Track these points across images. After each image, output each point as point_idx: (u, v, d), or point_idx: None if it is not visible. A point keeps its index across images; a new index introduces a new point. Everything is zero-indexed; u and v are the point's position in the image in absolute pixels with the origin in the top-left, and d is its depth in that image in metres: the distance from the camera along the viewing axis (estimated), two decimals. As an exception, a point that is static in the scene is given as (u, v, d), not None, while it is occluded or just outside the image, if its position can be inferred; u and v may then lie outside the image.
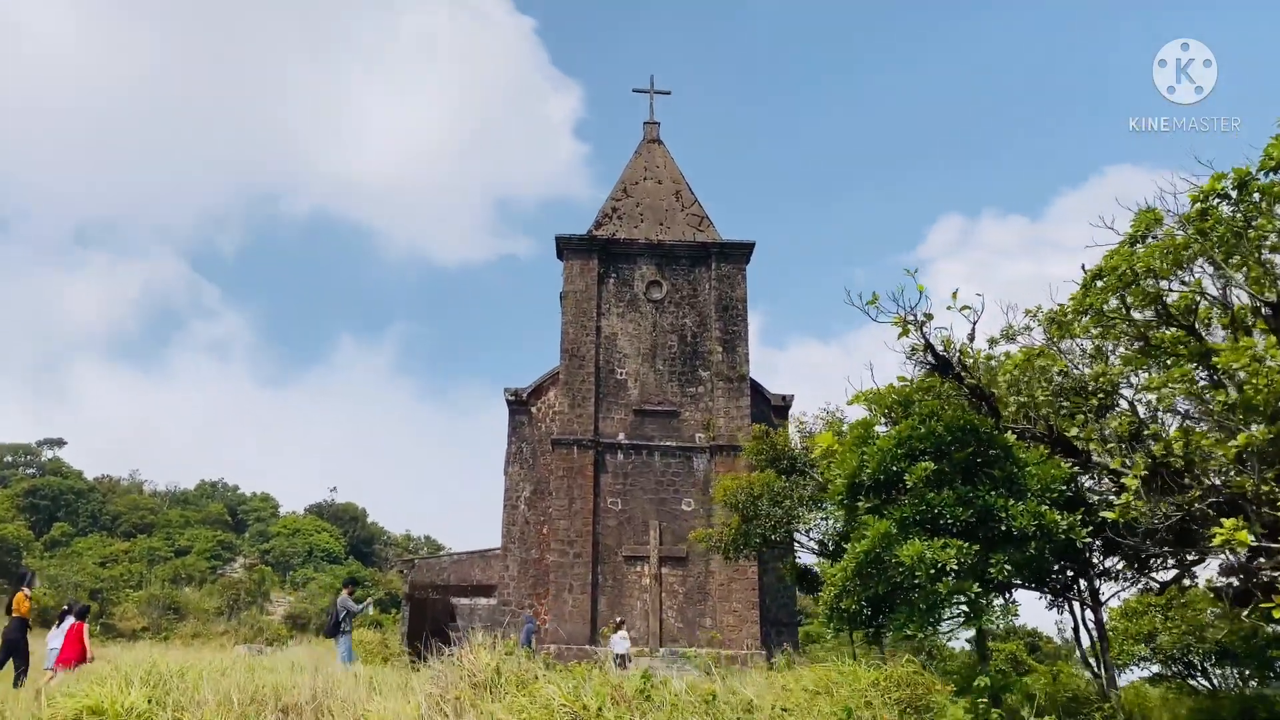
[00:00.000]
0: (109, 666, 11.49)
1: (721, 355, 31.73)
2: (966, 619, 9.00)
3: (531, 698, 8.80)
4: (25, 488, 71.58)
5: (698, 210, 34.44)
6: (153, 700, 9.59)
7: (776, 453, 19.66)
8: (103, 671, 11.05)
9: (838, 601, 9.45)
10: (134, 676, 10.66)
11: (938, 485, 9.12)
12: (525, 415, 34.65)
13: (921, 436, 9.31)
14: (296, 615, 53.63)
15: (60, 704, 9.59)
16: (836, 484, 9.52)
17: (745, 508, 18.30)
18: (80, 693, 9.66)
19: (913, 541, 8.77)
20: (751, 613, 29.24)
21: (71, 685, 10.46)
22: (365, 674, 12.07)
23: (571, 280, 32.58)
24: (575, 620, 28.94)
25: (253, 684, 10.77)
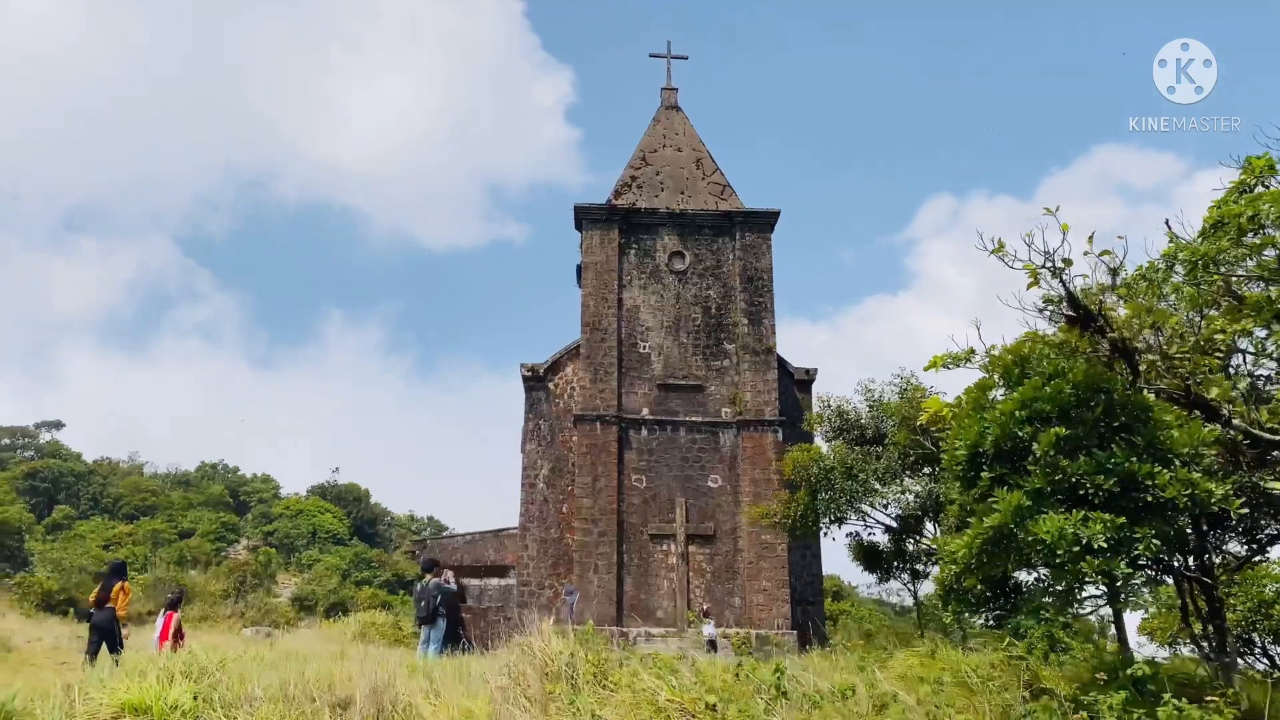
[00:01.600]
0: (141, 656, 10.57)
1: (747, 327, 30.78)
2: (1107, 600, 8.14)
3: (629, 691, 7.89)
4: (25, 470, 70.57)
5: (719, 179, 33.38)
6: (199, 696, 8.67)
7: (845, 423, 18.67)
8: (139, 663, 10.13)
9: (958, 581, 8.57)
10: (174, 669, 9.74)
11: (1071, 452, 8.20)
12: (543, 391, 33.72)
13: (1047, 398, 8.38)
14: (304, 597, 52.73)
15: (98, 699, 8.67)
16: (956, 453, 8.59)
17: (818, 481, 17.34)
18: (120, 688, 8.74)
19: (1050, 515, 7.86)
20: (782, 591, 28.44)
21: (107, 680, 9.54)
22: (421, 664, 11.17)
23: (591, 251, 31.56)
24: (601, 600, 28.11)
25: (302, 676, 9.85)
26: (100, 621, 15.07)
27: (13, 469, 73.63)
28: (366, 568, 60.32)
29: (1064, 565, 7.81)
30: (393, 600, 54.08)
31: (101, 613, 15.14)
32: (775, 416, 29.85)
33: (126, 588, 15.69)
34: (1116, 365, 8.50)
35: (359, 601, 49.99)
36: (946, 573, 8.77)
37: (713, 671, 9.11)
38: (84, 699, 8.87)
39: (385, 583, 59.20)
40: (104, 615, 15.06)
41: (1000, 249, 8.28)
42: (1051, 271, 8.02)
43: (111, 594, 15.16)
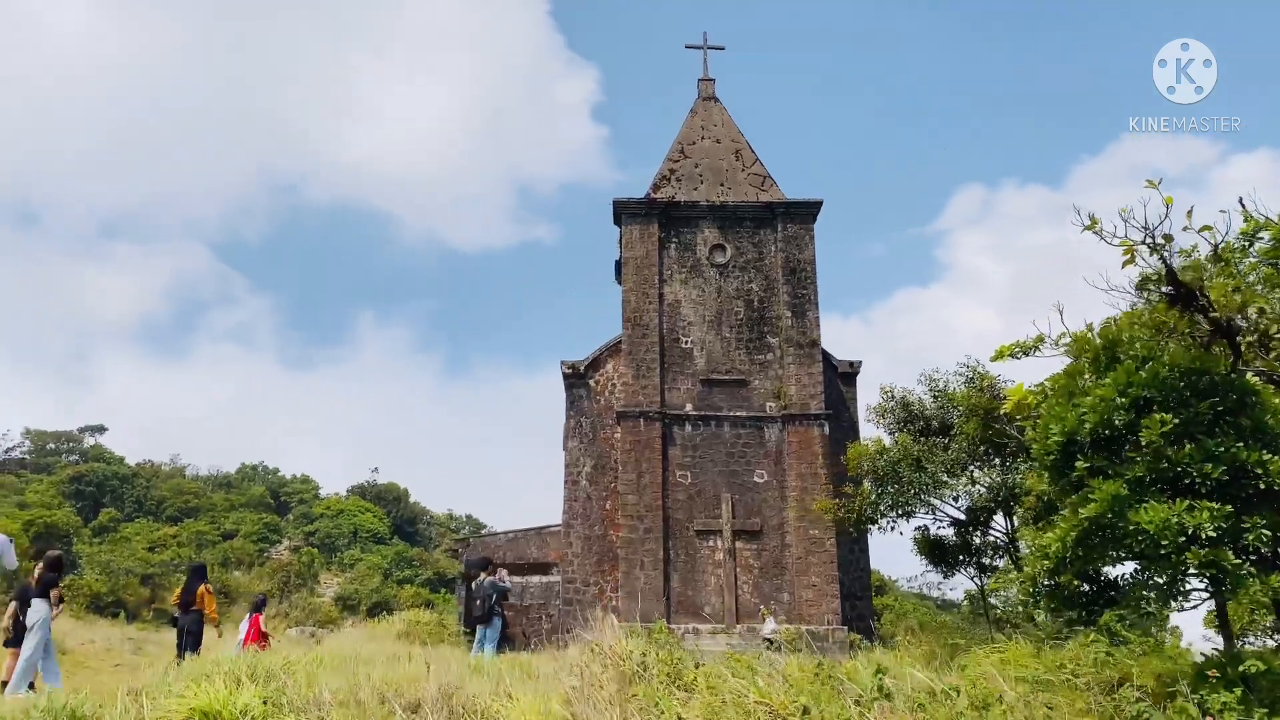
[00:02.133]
0: (208, 662, 10.43)
1: (791, 320, 30.36)
2: (1210, 593, 7.73)
3: (711, 692, 7.59)
4: (70, 474, 71.51)
5: (759, 169, 32.97)
6: (268, 700, 8.49)
7: (909, 414, 18.24)
8: (204, 667, 9.99)
9: (1053, 576, 8.19)
10: (241, 673, 9.59)
11: (1176, 439, 7.79)
12: (583, 389, 33.51)
13: (1145, 383, 7.96)
14: (346, 597, 53.08)
15: (166, 704, 8.52)
16: (1049, 441, 8.20)
17: (885, 474, 16.94)
18: (189, 693, 8.58)
19: (1153, 504, 7.46)
20: (831, 587, 28.03)
21: (173, 684, 9.40)
22: (484, 665, 10.96)
23: (631, 246, 31.28)
24: (648, 598, 27.85)
25: (368, 678, 9.66)
26: (186, 624, 15.14)
27: (58, 473, 74.68)
28: (408, 566, 60.53)
29: (1167, 557, 7.42)
30: (435, 599, 54.25)
31: (186, 615, 15.21)
32: (821, 410, 29.44)
33: (210, 589, 15.76)
34: (1216, 346, 8.08)
35: (402, 600, 50.18)
36: (1036, 567, 8.38)
37: (790, 671, 8.80)
38: (151, 703, 8.72)
39: (427, 581, 59.41)
40: (189, 618, 15.13)
41: (1094, 225, 7.88)
42: (1150, 248, 7.60)
43: (196, 596, 15.25)
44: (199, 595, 15.26)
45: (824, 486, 28.82)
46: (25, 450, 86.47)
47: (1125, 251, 7.85)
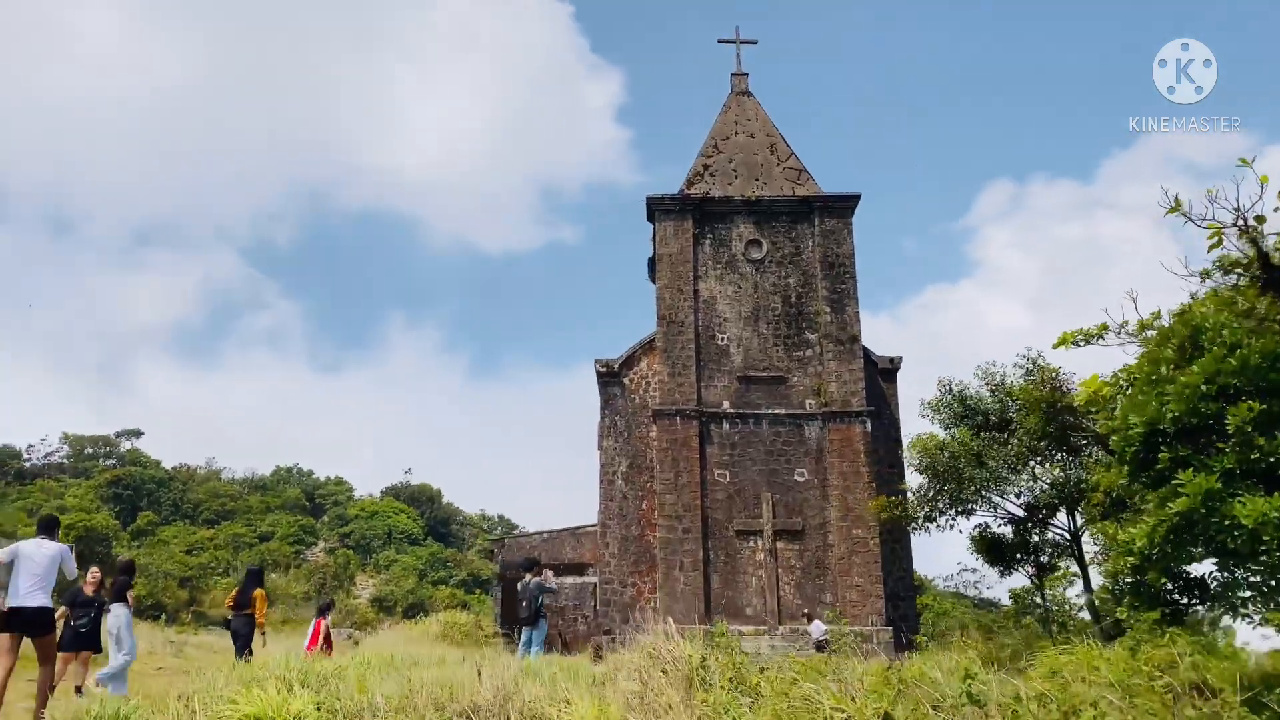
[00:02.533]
0: (256, 665, 10.24)
1: (830, 316, 29.92)
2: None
3: (781, 698, 7.26)
4: (108, 478, 72.26)
5: (795, 163, 32.56)
6: (322, 706, 8.26)
7: (967, 409, 17.77)
8: (257, 672, 9.80)
9: (1137, 574, 7.79)
10: (292, 677, 9.39)
11: (1266, 428, 7.38)
12: (618, 387, 33.25)
13: (1234, 370, 7.55)
14: (383, 598, 53.18)
15: (218, 710, 8.32)
16: (1129, 433, 7.81)
17: (946, 470, 16.50)
18: (242, 699, 8.38)
19: (1250, 498, 7.06)
20: (875, 587, 27.58)
21: (222, 689, 9.21)
22: (535, 667, 10.70)
23: (665, 243, 30.97)
24: (688, 598, 27.52)
25: (420, 682, 9.42)
26: (238, 627, 15.14)
27: (96, 477, 75.53)
28: (442, 567, 60.60)
29: (1270, 553, 7.00)
30: (470, 599, 54.25)
31: (239, 618, 15.20)
32: (862, 407, 28.99)
33: (263, 594, 15.66)
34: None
35: (437, 602, 50.19)
36: (1120, 564, 7.99)
37: (857, 675, 8.45)
38: (204, 710, 8.53)
39: (461, 582, 59.44)
40: (240, 620, 15.13)
41: (1178, 207, 7.48)
42: (1240, 230, 7.20)
43: (249, 599, 15.25)
44: (253, 598, 15.25)
45: (867, 485, 28.39)
46: (64, 455, 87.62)
47: (1212, 234, 7.46)
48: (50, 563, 9.74)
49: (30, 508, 60.99)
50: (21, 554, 9.66)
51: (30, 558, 9.67)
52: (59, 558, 9.89)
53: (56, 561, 9.85)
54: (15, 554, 9.74)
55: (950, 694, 7.49)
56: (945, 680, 8.05)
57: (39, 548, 9.84)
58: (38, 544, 9.86)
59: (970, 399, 17.70)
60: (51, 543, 9.94)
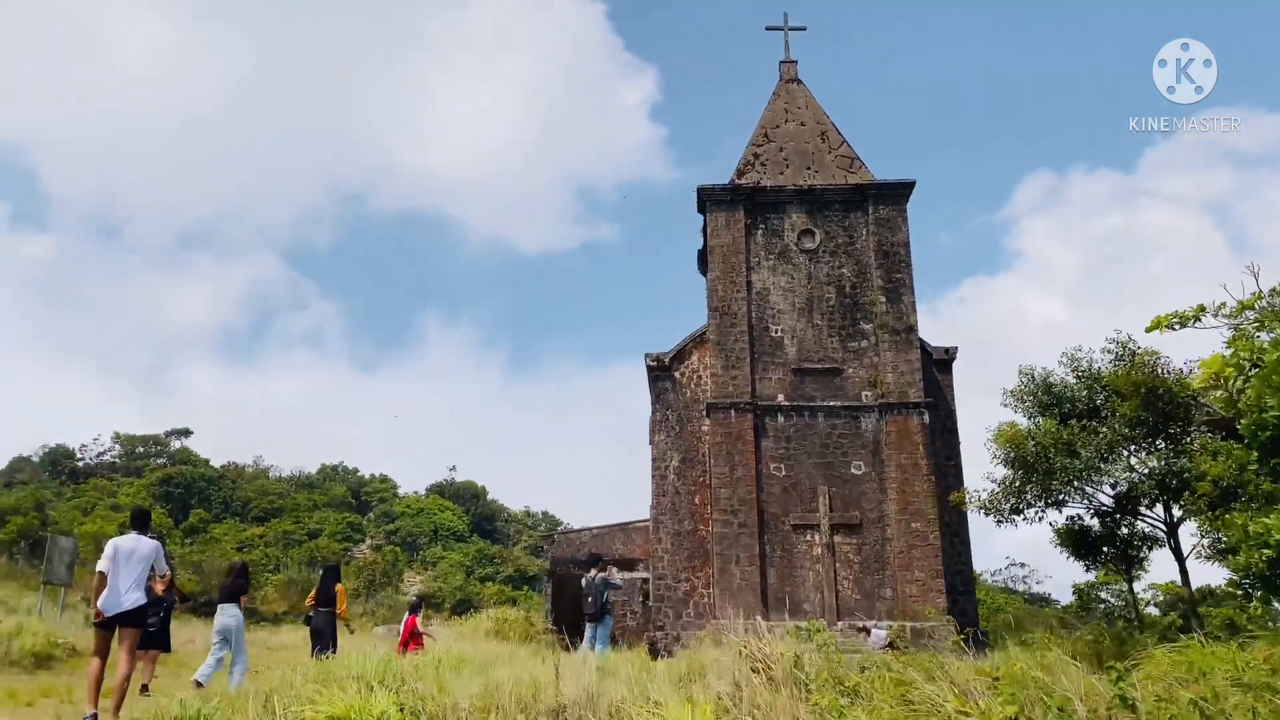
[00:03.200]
0: (334, 664, 10.00)
1: (885, 306, 29.30)
2: None
3: (896, 700, 6.83)
4: (159, 477, 73.22)
5: (847, 151, 31.94)
6: (405, 708, 7.97)
7: (1052, 396, 17.14)
8: (334, 670, 9.55)
9: (1275, 568, 7.25)
10: (371, 677, 9.12)
11: None
12: (669, 381, 32.87)
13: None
14: (430, 595, 53.20)
15: (299, 711, 8.06)
16: (1264, 415, 7.27)
17: (1036, 460, 15.90)
18: (321, 699, 8.12)
19: None
20: (936, 581, 26.95)
21: (299, 687, 8.97)
22: (611, 664, 10.35)
23: (717, 234, 30.50)
24: (744, 593, 27.07)
25: (502, 682, 9.10)
26: (319, 624, 15.16)
27: (148, 475, 76.58)
28: (489, 564, 60.63)
29: None
30: (517, 595, 54.20)
31: (319, 615, 15.21)
32: (920, 399, 28.36)
33: (343, 589, 15.74)
34: None
35: (485, 598, 50.17)
36: (1254, 556, 7.45)
37: (966, 674, 7.99)
38: (283, 709, 8.28)
39: (508, 578, 59.43)
40: (321, 618, 15.16)
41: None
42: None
43: (331, 595, 15.28)
44: (334, 593, 15.27)
45: (925, 477, 27.79)
46: (115, 454, 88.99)
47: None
48: (147, 557, 9.73)
49: (84, 506, 61.93)
50: (120, 551, 9.64)
51: (129, 554, 9.56)
52: (155, 554, 9.85)
53: (153, 558, 9.82)
54: (115, 550, 9.72)
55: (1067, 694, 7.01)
56: (1054, 680, 7.57)
57: (136, 543, 9.76)
58: (134, 539, 9.81)
59: (1056, 386, 17.02)
60: (147, 539, 9.85)
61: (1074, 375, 17.07)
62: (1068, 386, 16.89)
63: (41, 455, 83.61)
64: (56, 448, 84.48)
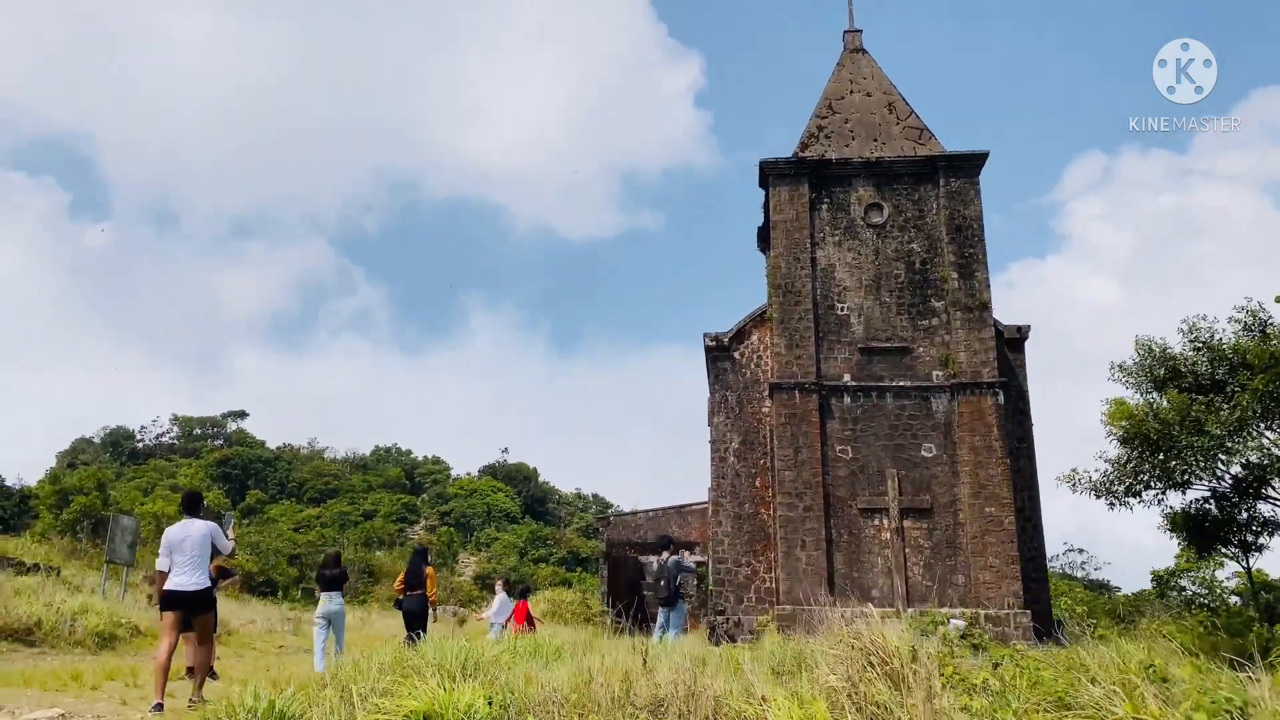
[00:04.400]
0: (415, 653, 9.46)
1: (957, 282, 28.21)
2: None
3: (1053, 705, 6.07)
4: (217, 458, 74.12)
5: (915, 122, 30.78)
6: (493, 700, 7.38)
7: (1171, 371, 16.08)
8: (413, 659, 9.00)
9: None
10: (453, 667, 8.56)
11: None
12: (728, 361, 32.10)
13: None
14: (485, 575, 53.17)
15: (379, 704, 7.51)
16: None
17: (1160, 438, 14.91)
18: (401, 690, 7.56)
19: None
20: (1011, 568, 25.94)
21: (376, 677, 8.43)
22: (710, 652, 9.69)
23: (780, 209, 29.57)
24: (810, 579, 26.31)
25: (591, 673, 8.48)
26: (411, 607, 14.98)
27: (205, 457, 77.62)
28: (542, 545, 60.44)
29: None
30: (570, 577, 53.96)
31: (410, 598, 15.03)
32: (994, 378, 27.28)
33: (432, 572, 15.61)
34: None
35: (540, 580, 49.93)
36: None
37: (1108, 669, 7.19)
38: (361, 701, 7.73)
39: (561, 560, 59.21)
40: (413, 600, 14.96)
41: None
42: None
43: (422, 578, 15.16)
44: (424, 576, 15.20)
45: (1000, 460, 26.75)
46: (174, 436, 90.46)
47: None
48: (202, 540, 9.45)
49: (145, 486, 62.84)
50: (171, 540, 9.36)
51: (180, 541, 9.34)
52: (209, 534, 9.56)
53: (208, 539, 9.53)
54: (166, 543, 9.49)
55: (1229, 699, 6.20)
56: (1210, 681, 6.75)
57: (186, 529, 9.47)
58: (185, 525, 9.51)
59: (1175, 359, 15.90)
60: (199, 521, 9.62)
61: (1194, 347, 15.93)
62: (1186, 359, 15.77)
63: (102, 436, 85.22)
64: (117, 429, 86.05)
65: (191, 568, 9.31)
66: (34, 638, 17.10)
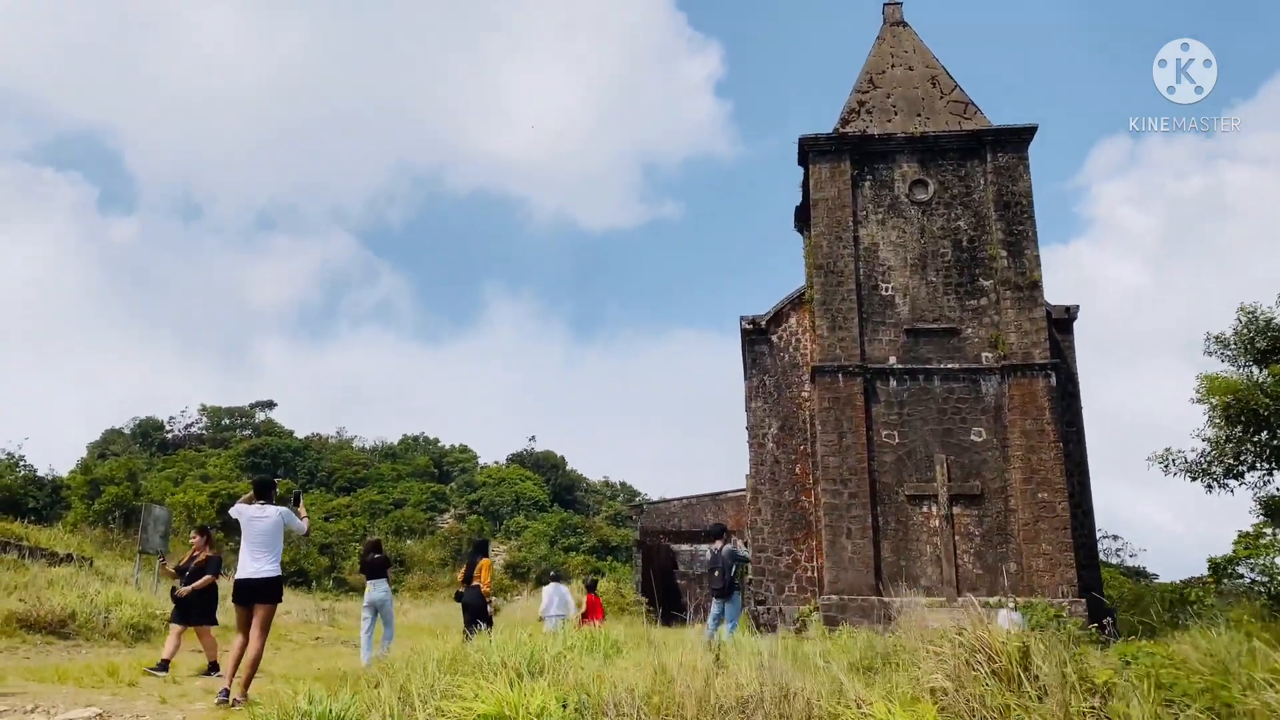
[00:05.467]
0: (475, 649, 8.82)
1: (1006, 260, 27.26)
2: None
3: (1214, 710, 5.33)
4: (246, 448, 74.11)
5: (959, 96, 29.79)
6: (568, 704, 6.72)
7: (1271, 341, 15.17)
8: (472, 656, 8.36)
9: None
10: (516, 663, 7.90)
11: None
12: (765, 345, 31.34)
13: None
14: (515, 564, 52.75)
15: (443, 706, 6.87)
16: None
17: (1271, 414, 14.06)
18: (465, 690, 6.91)
19: None
20: (1065, 555, 25.08)
21: (439, 680, 7.79)
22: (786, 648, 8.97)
23: (821, 186, 28.68)
24: (857, 568, 25.56)
25: (663, 671, 7.79)
26: (469, 600, 14.78)
27: (234, 446, 77.64)
28: (572, 534, 59.92)
29: None
30: (602, 566, 53.39)
31: (469, 591, 14.85)
32: (1046, 359, 26.36)
33: (488, 563, 15.23)
34: None
35: (571, 569, 49.40)
36: None
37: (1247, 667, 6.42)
38: (422, 704, 7.08)
39: (591, 549, 58.68)
40: (472, 593, 14.78)
41: None
42: None
43: (475, 571, 14.94)
44: (478, 570, 14.98)
45: (1052, 444, 25.87)
46: (203, 426, 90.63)
47: None
48: (274, 527, 9.12)
49: (175, 476, 62.85)
50: (243, 526, 9.05)
51: (250, 520, 9.06)
52: (282, 520, 9.22)
53: (280, 525, 9.19)
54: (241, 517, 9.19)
55: None
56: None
57: (262, 511, 9.17)
58: (260, 509, 9.15)
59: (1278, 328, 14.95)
60: (271, 507, 9.23)
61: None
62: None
63: (132, 427, 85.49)
64: (147, 420, 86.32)
65: (262, 554, 8.97)
66: (68, 630, 16.66)
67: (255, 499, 9.33)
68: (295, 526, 9.49)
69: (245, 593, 8.89)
